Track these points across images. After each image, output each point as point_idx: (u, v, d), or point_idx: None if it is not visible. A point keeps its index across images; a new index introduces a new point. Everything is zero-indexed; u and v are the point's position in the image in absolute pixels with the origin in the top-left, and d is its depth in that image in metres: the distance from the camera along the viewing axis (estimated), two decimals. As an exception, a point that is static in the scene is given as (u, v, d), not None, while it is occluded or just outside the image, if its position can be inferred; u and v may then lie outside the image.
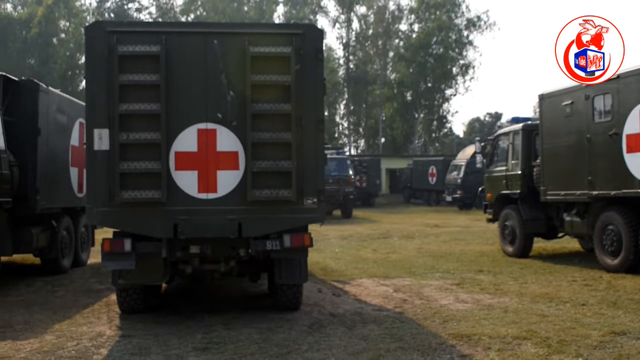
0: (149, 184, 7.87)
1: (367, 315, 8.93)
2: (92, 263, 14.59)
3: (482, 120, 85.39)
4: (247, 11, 66.77)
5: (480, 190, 18.15)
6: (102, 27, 8.09)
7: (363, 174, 39.26)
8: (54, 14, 62.48)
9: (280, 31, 8.89)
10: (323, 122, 8.29)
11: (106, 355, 7.03)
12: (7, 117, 11.22)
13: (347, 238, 20.49)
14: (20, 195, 11.32)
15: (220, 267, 8.67)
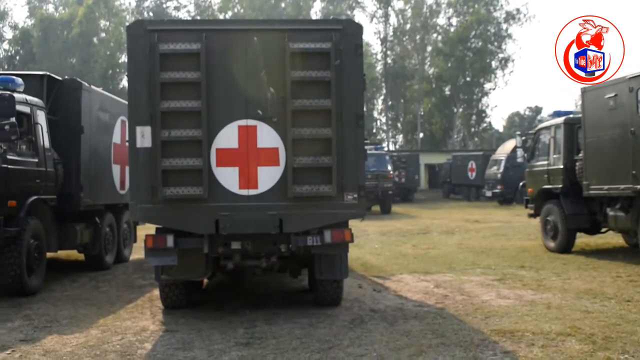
0: (191, 181, 7.93)
1: (408, 311, 8.90)
2: (135, 259, 14.78)
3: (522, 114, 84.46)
4: (284, 7, 66.96)
5: (522, 185, 17.95)
6: (144, 26, 8.16)
7: (402, 170, 39.08)
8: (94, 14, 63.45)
9: (320, 27, 8.88)
10: (363, 118, 8.26)
11: (150, 349, 7.12)
12: (51, 115, 11.42)
13: (386, 234, 20.44)
14: (65, 193, 11.52)
15: (262, 263, 8.71)
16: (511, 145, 31.97)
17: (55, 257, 13.17)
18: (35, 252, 10.39)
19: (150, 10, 68.00)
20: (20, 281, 9.89)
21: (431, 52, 66.18)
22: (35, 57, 63.10)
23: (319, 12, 67.87)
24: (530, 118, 79.59)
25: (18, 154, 9.96)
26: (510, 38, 63.38)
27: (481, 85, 64.22)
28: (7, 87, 10.12)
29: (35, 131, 10.56)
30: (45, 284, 10.94)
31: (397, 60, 67.08)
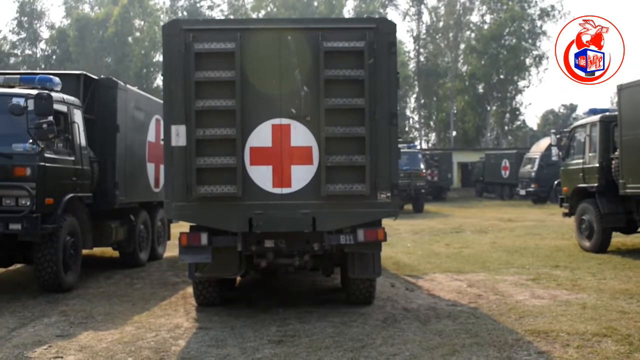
0: (225, 179, 7.98)
1: (441, 310, 8.87)
2: (168, 256, 14.91)
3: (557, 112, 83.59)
4: (317, 6, 66.96)
5: (556, 184, 17.75)
6: (179, 25, 8.22)
7: (434, 168, 38.87)
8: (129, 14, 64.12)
9: (354, 26, 8.87)
10: (397, 116, 8.24)
11: (184, 346, 7.18)
12: (87, 114, 11.56)
13: (419, 232, 20.37)
14: (100, 191, 11.67)
15: (295, 261, 8.73)
16: (545, 144, 31.61)
17: (90, 254, 13.35)
18: (72, 249, 10.53)
19: (184, 10, 68.48)
20: (56, 277, 10.04)
21: (464, 49, 65.71)
22: (71, 56, 63.97)
23: (351, 11, 67.80)
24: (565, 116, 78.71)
25: (55, 152, 10.10)
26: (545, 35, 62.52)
27: (515, 82, 63.59)
28: (45, 86, 10.27)
29: (72, 130, 10.69)
30: (81, 280, 11.10)
31: (430, 58, 66.75)
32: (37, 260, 9.98)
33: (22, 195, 9.41)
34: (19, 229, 9.42)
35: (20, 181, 9.42)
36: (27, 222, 9.37)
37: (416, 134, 70.13)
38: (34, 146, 9.57)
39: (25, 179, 9.46)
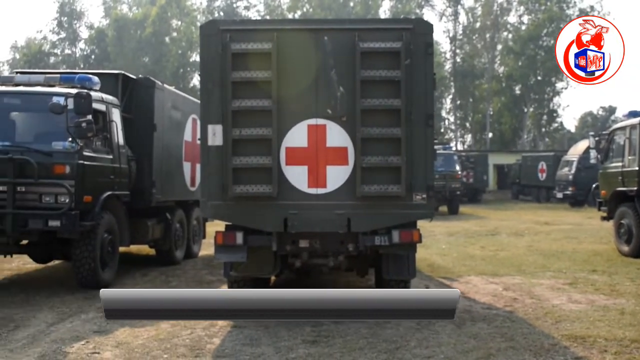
0: (261, 179, 8.02)
1: (476, 313, 8.80)
2: (203, 255, 15.01)
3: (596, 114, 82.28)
4: (353, 6, 66.92)
5: (594, 187, 17.50)
6: (216, 25, 8.29)
7: (470, 170, 38.58)
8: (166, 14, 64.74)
9: (390, 26, 8.86)
10: (433, 118, 8.21)
11: (219, 344, 7.22)
12: (125, 113, 11.70)
13: (453, 234, 20.24)
14: (138, 189, 11.79)
15: (329, 262, 8.74)
16: (584, 146, 31.21)
17: (127, 252, 13.49)
18: (109, 246, 10.67)
19: (221, 10, 68.95)
20: (94, 274, 10.18)
21: (501, 50, 65.14)
22: (109, 56, 64.77)
23: (387, 11, 67.66)
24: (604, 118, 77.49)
25: (94, 151, 10.23)
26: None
27: (553, 84, 62.85)
28: (84, 85, 10.41)
29: (110, 128, 10.83)
30: (118, 277, 11.23)
31: (467, 59, 66.29)
32: (75, 256, 10.12)
33: (61, 193, 9.55)
34: (58, 226, 9.55)
35: (60, 179, 9.55)
36: (66, 219, 9.50)
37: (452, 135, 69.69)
38: (73, 144, 9.71)
39: (64, 177, 9.59)
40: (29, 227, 9.60)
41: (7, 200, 9.48)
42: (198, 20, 65.41)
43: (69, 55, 71.42)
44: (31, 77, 11.03)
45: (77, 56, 71.33)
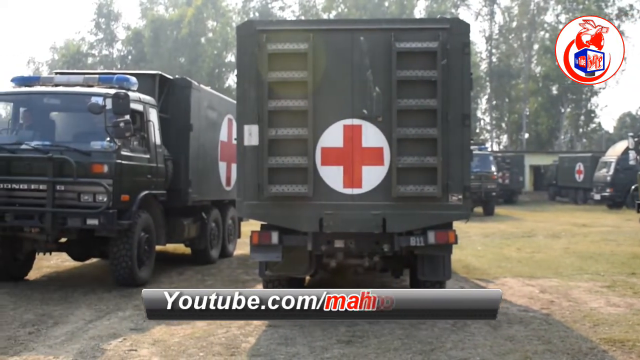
0: (296, 179, 8.04)
1: (513, 315, 8.72)
2: (238, 254, 15.09)
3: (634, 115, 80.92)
4: (388, 6, 66.73)
5: (633, 189, 17.28)
6: (253, 26, 8.33)
7: (506, 171, 38.25)
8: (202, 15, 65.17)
9: (427, 26, 8.82)
10: (469, 118, 8.16)
11: (254, 343, 7.25)
12: (162, 113, 11.80)
13: (489, 236, 20.07)
14: (174, 188, 11.89)
15: (364, 262, 8.73)
16: (622, 147, 30.73)
17: (163, 250, 13.62)
18: (146, 244, 10.78)
19: (256, 11, 69.19)
20: (131, 272, 10.28)
21: (538, 50, 64.37)
22: (146, 56, 65.42)
23: (422, 11, 67.34)
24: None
25: (131, 150, 10.34)
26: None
27: (591, 84, 62.02)
28: (122, 85, 10.54)
29: (148, 128, 10.93)
30: (154, 275, 11.34)
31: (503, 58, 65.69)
32: (113, 255, 10.25)
33: (99, 192, 9.67)
34: (96, 224, 9.68)
35: (98, 178, 9.68)
36: (104, 217, 9.62)
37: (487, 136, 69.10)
38: (111, 144, 9.83)
39: (102, 176, 9.72)
40: (68, 225, 9.76)
41: (47, 198, 9.65)
42: (233, 20, 65.75)
43: (107, 55, 72.29)
44: (70, 77, 11.20)
45: (114, 57, 72.16)
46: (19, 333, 7.67)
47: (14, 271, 10.92)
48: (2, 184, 9.84)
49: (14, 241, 10.69)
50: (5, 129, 10.89)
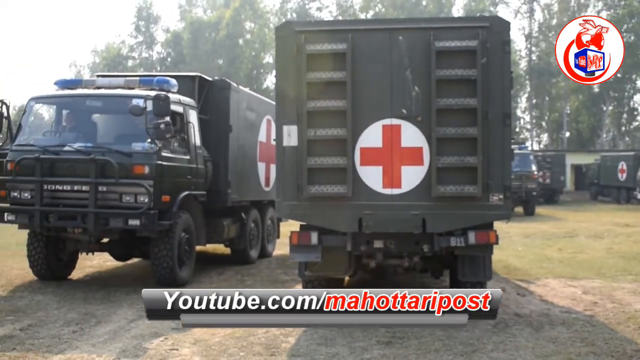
0: (335, 179, 8.04)
1: (555, 317, 8.62)
2: (278, 254, 15.13)
3: (679, 113, 79.33)
4: (425, 5, 66.39)
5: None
6: (291, 27, 8.36)
7: (546, 170, 37.76)
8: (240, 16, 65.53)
9: (466, 24, 8.75)
10: (510, 117, 8.08)
11: (294, 344, 7.27)
12: (202, 115, 11.89)
13: (530, 236, 19.84)
14: (214, 189, 11.97)
15: (404, 263, 8.70)
16: (667, 146, 30.15)
17: (203, 251, 13.72)
18: (186, 245, 10.87)
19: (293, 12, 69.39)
20: (172, 272, 10.38)
21: (579, 47, 63.45)
22: (185, 58, 66.03)
23: (461, 9, 66.85)
24: (688, 116, 74.65)
25: (172, 152, 10.43)
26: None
27: (633, 81, 60.88)
28: (162, 87, 10.64)
29: (188, 130, 11.02)
30: (194, 275, 11.42)
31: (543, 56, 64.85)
32: (154, 255, 10.35)
33: (140, 193, 9.78)
34: (138, 225, 9.79)
35: (139, 179, 9.79)
36: (145, 218, 9.73)
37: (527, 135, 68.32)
38: (152, 145, 9.93)
39: (143, 177, 9.82)
40: (110, 225, 9.89)
41: (89, 199, 9.79)
42: (271, 22, 66.04)
43: (146, 58, 73.15)
44: (112, 80, 11.34)
45: (153, 59, 72.98)
46: (63, 332, 7.80)
47: (57, 271, 11.10)
48: (46, 185, 10.01)
49: (58, 241, 10.90)
50: (48, 131, 11.09)
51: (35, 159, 9.96)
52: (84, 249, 11.04)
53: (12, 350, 7.05)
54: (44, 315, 8.63)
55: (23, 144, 10.42)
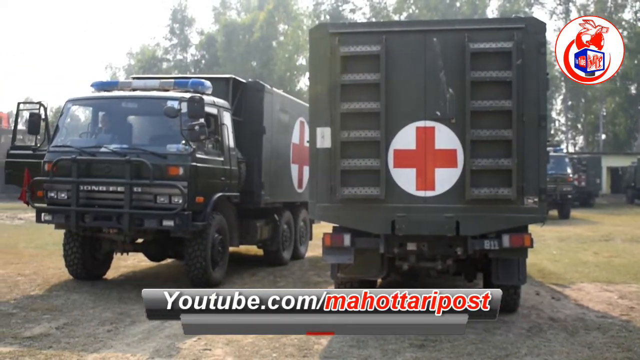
0: (369, 181, 8.03)
1: (590, 321, 8.51)
2: (310, 256, 15.15)
3: None
4: (459, 7, 65.99)
5: None
6: (325, 29, 8.36)
7: (582, 173, 37.28)
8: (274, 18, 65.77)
9: (501, 26, 8.68)
10: (546, 119, 8.00)
11: (326, 346, 7.28)
12: (235, 116, 11.95)
13: (564, 239, 19.61)
14: (247, 190, 12.02)
15: (437, 265, 8.65)
16: None
17: (235, 252, 13.79)
18: (219, 246, 10.93)
19: (327, 14, 69.43)
20: (205, 273, 10.44)
21: (616, 49, 62.57)
22: (219, 60, 66.45)
23: (495, 11, 66.33)
24: None
25: (206, 153, 10.49)
26: None
27: (672, 83, 59.92)
28: (197, 89, 10.72)
29: (222, 131, 11.08)
30: (227, 276, 11.47)
31: (579, 58, 64.09)
32: (188, 255, 10.42)
33: (175, 194, 9.85)
34: (172, 226, 9.88)
35: (174, 180, 9.86)
36: (179, 219, 9.81)
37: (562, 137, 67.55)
38: (186, 147, 10.01)
39: (178, 178, 9.89)
40: (145, 226, 9.99)
41: (124, 200, 9.89)
42: (304, 24, 66.12)
43: (180, 60, 73.76)
44: (147, 82, 11.46)
45: (187, 61, 73.56)
46: (98, 331, 7.90)
47: (93, 270, 11.24)
48: (83, 186, 10.14)
49: (94, 241, 11.04)
50: (85, 132, 11.24)
51: (71, 160, 10.10)
52: (119, 249, 11.17)
53: (49, 348, 7.15)
54: (80, 314, 8.75)
55: (60, 145, 10.56)
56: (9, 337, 7.58)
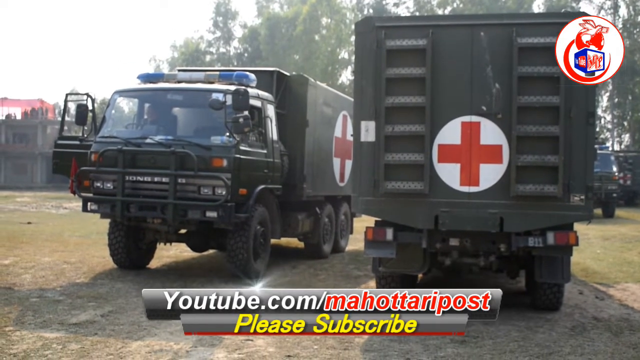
0: (412, 176, 8.00)
1: (635, 322, 8.38)
2: (350, 250, 15.16)
3: None
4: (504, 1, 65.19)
5: None
6: (372, 22, 8.34)
7: (628, 171, 36.59)
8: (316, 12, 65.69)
9: (549, 20, 8.57)
10: (594, 116, 7.89)
11: (367, 339, 7.27)
12: (279, 109, 12.01)
13: (609, 239, 19.29)
14: (289, 183, 12.08)
15: (479, 262, 8.59)
16: None
17: (277, 244, 13.86)
18: (261, 237, 11.00)
19: (370, 7, 69.19)
20: (247, 264, 10.51)
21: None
22: (262, 54, 66.69)
23: (541, 5, 65.35)
24: None
25: (249, 145, 10.56)
26: None
27: None
28: (241, 82, 10.78)
29: (265, 124, 11.15)
30: (268, 268, 11.53)
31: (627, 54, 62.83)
32: (230, 247, 10.51)
33: (218, 185, 9.94)
34: (215, 217, 9.96)
35: (217, 172, 9.94)
36: (222, 210, 9.89)
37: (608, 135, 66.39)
38: (230, 139, 10.08)
39: (221, 170, 9.97)
40: (188, 217, 10.09)
41: (169, 191, 10.01)
42: (347, 17, 66.00)
43: (224, 53, 74.18)
44: (192, 74, 11.56)
45: (231, 54, 73.95)
46: (142, 319, 7.99)
47: (137, 260, 11.40)
48: (128, 176, 10.29)
49: (138, 231, 11.20)
50: (131, 123, 11.40)
51: (117, 151, 10.24)
52: (163, 239, 11.31)
53: (94, 335, 7.28)
54: (124, 302, 8.89)
55: (106, 136, 10.73)
56: (55, 323, 7.74)
